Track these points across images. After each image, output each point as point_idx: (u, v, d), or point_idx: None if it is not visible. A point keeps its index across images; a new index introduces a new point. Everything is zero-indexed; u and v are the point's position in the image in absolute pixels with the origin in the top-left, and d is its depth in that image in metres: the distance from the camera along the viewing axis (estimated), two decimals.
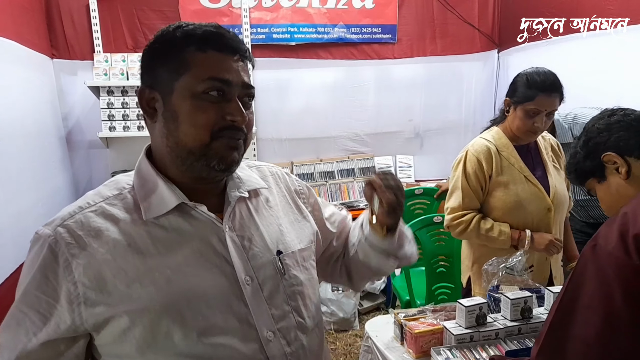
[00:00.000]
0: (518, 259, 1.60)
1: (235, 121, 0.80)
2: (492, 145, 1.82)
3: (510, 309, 1.40)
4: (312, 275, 0.97)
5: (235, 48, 0.83)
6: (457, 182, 1.85)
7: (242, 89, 0.83)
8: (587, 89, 2.57)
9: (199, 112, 0.79)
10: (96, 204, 0.82)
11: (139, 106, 0.85)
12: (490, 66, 4.08)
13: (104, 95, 3.05)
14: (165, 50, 0.82)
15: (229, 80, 0.81)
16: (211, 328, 0.79)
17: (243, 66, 0.84)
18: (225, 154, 0.81)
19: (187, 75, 0.79)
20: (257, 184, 0.95)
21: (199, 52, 0.80)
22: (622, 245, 0.83)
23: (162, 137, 0.83)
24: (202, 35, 0.81)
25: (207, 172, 0.82)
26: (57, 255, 0.76)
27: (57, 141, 3.02)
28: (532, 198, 1.79)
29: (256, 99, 3.52)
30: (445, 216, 1.91)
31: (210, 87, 0.79)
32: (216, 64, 0.80)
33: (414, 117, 4.03)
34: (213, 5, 3.43)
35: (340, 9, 3.67)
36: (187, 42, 0.80)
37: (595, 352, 0.84)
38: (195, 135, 0.79)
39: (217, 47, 0.81)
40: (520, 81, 1.77)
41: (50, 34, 3.09)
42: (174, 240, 0.81)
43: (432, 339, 1.37)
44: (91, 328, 0.77)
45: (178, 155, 0.82)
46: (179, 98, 0.80)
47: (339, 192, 3.72)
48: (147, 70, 0.84)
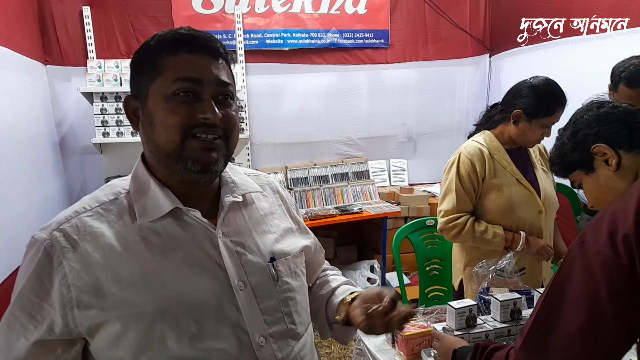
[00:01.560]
0: (508, 261, 1.62)
1: (207, 118, 0.79)
2: (485, 148, 1.84)
3: (500, 311, 1.42)
4: (303, 282, 0.98)
5: (208, 47, 0.82)
6: (450, 184, 1.86)
7: (216, 87, 0.82)
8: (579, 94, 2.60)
9: (169, 113, 0.79)
10: (92, 208, 0.83)
11: (126, 117, 0.87)
12: (482, 70, 4.12)
13: (97, 101, 3.06)
14: (142, 59, 0.83)
15: (199, 78, 0.80)
16: (204, 333, 0.80)
17: (218, 64, 0.83)
18: (200, 154, 0.80)
19: (159, 79, 0.80)
20: (252, 187, 0.96)
21: (170, 56, 0.80)
22: (610, 244, 0.83)
23: (145, 143, 0.84)
24: (173, 38, 0.81)
25: (187, 174, 0.82)
26: (52, 259, 0.77)
27: (50, 147, 3.02)
28: (524, 200, 1.81)
29: (250, 104, 3.57)
30: (439, 219, 1.90)
31: (179, 87, 0.79)
32: (186, 65, 0.80)
33: (407, 121, 4.06)
34: (206, 11, 3.45)
35: (333, 15, 3.70)
36: (160, 48, 0.81)
37: (578, 348, 0.85)
38: (167, 137, 0.79)
39: (189, 49, 0.81)
40: (533, 94, 1.73)
41: (44, 40, 3.10)
42: (167, 245, 0.82)
43: (422, 341, 1.38)
44: (85, 332, 0.77)
45: (160, 159, 0.83)
46: (153, 102, 0.80)
47: (333, 196, 3.74)
48: (131, 82, 0.86)
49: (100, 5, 3.20)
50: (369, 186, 3.83)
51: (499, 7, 3.95)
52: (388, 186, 4.01)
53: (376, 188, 3.84)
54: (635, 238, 0.82)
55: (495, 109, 1.90)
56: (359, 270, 3.54)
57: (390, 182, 4.06)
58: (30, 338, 0.77)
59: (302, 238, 1.02)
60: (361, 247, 3.95)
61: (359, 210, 3.41)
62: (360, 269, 3.55)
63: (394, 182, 4.07)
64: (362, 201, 3.74)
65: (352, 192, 3.78)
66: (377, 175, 4.02)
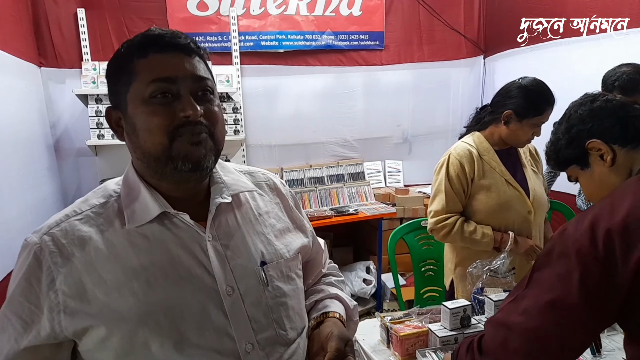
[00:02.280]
0: (502, 261, 1.63)
1: (188, 116, 0.78)
2: (474, 149, 1.85)
3: (494, 311, 1.43)
4: (297, 286, 0.95)
5: (178, 45, 0.81)
6: (440, 185, 1.88)
7: (193, 83, 0.80)
8: (571, 96, 2.62)
9: (150, 117, 0.78)
10: (83, 212, 0.83)
11: (110, 128, 0.87)
12: (476, 72, 4.15)
13: (92, 103, 3.06)
14: (115, 67, 0.83)
15: (173, 77, 0.79)
16: (189, 338, 0.79)
17: (192, 60, 0.81)
18: (189, 151, 0.79)
19: (134, 84, 0.79)
20: (244, 187, 0.93)
21: (141, 59, 0.79)
22: (590, 234, 0.84)
23: (131, 151, 0.84)
24: (141, 41, 0.80)
25: (179, 175, 0.81)
26: (41, 263, 0.77)
27: (45, 149, 3.01)
28: (514, 201, 1.82)
29: (245, 106, 3.57)
30: (429, 219, 1.93)
31: (155, 89, 0.78)
32: (158, 65, 0.79)
33: (402, 122, 4.08)
34: (201, 13, 3.45)
35: (327, 17, 3.71)
36: (130, 53, 0.80)
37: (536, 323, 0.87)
38: (153, 140, 0.78)
39: (158, 49, 0.79)
40: (523, 94, 1.76)
41: (38, 42, 3.09)
42: (155, 249, 0.81)
43: (417, 341, 1.39)
44: (71, 335, 0.78)
45: (148, 165, 0.82)
46: (133, 108, 0.80)
47: (328, 198, 3.74)
48: (109, 93, 0.85)
49: (95, 7, 3.20)
50: (365, 187, 3.84)
51: (493, 8, 3.98)
52: (383, 187, 4.02)
53: (371, 189, 3.85)
54: (619, 235, 0.82)
55: (485, 111, 1.92)
56: (355, 271, 3.55)
57: (386, 183, 4.08)
58: (20, 341, 0.77)
59: (299, 237, 1.00)
60: (357, 248, 3.96)
61: (354, 212, 3.42)
62: (356, 270, 3.56)
63: (389, 183, 4.08)
64: (358, 202, 3.75)
65: (347, 194, 3.79)
66: (373, 177, 4.03)
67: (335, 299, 1.04)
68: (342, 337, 0.88)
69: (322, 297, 1.04)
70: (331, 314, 0.97)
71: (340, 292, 1.07)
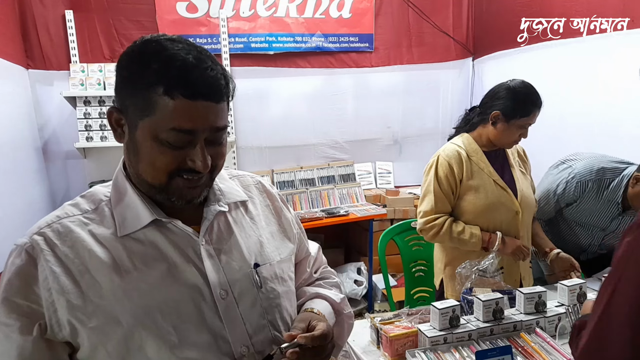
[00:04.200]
0: (490, 261, 1.65)
1: (195, 167, 0.78)
2: (463, 151, 1.88)
3: (483, 311, 1.44)
4: (290, 287, 0.96)
5: (211, 93, 0.75)
6: (429, 186, 1.90)
7: (210, 134, 0.78)
8: (555, 97, 2.66)
9: (158, 155, 0.76)
10: (74, 215, 0.82)
11: (109, 124, 0.83)
12: (465, 74, 4.18)
13: (80, 106, 3.03)
14: (135, 82, 0.76)
15: (194, 130, 0.76)
16: (184, 342, 0.79)
17: (217, 108, 0.77)
18: (185, 192, 0.81)
19: (151, 118, 0.75)
20: (238, 196, 0.94)
21: (166, 97, 0.73)
22: None
23: (127, 159, 0.84)
24: (176, 76, 0.73)
25: (170, 204, 0.83)
26: (35, 261, 0.76)
27: (33, 152, 2.98)
28: (501, 201, 1.84)
29: (235, 108, 3.57)
30: (418, 220, 1.95)
31: (172, 137, 0.75)
32: (182, 114, 0.74)
33: (392, 124, 4.10)
34: (191, 15, 3.44)
35: (317, 19, 3.72)
36: (157, 80, 0.73)
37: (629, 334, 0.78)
38: (153, 175, 0.79)
39: (188, 94, 0.73)
40: (511, 96, 1.78)
41: (25, 44, 3.06)
42: (149, 254, 0.81)
43: (407, 341, 1.39)
44: (68, 335, 0.77)
45: (142, 182, 0.83)
46: (141, 136, 0.77)
47: (319, 199, 3.75)
48: (117, 92, 0.80)
49: (83, 9, 3.17)
50: (355, 189, 3.85)
51: (481, 11, 4.01)
52: (374, 189, 4.04)
53: (362, 191, 3.86)
54: None
55: (474, 112, 1.95)
56: (346, 272, 3.56)
57: (376, 185, 4.09)
58: (20, 340, 0.76)
59: (288, 242, 1.01)
60: (348, 249, 3.96)
61: (345, 213, 3.43)
62: (347, 272, 3.56)
63: (379, 184, 4.10)
64: (349, 204, 3.76)
65: (338, 195, 3.80)
66: (363, 178, 4.04)
67: (316, 298, 1.04)
68: (329, 326, 0.90)
69: (302, 301, 1.04)
70: (309, 309, 0.97)
71: (322, 290, 1.07)
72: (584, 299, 1.56)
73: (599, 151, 2.11)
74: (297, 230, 1.07)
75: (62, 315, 0.76)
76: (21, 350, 0.76)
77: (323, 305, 1.01)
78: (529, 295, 1.50)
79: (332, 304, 1.04)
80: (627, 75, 2.54)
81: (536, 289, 1.53)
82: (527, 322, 1.46)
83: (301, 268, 1.10)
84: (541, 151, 2.46)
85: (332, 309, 1.03)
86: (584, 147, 2.35)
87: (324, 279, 1.14)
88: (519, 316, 1.48)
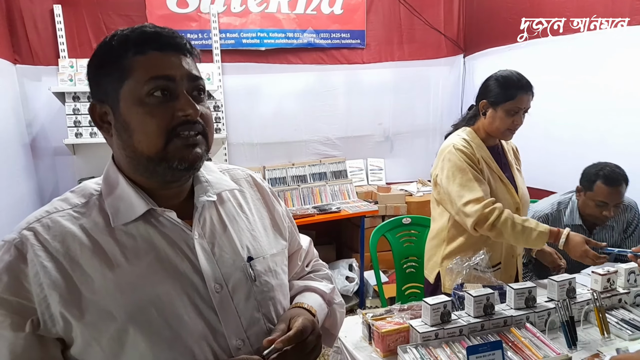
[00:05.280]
0: (481, 257, 1.65)
1: (188, 115, 0.78)
2: (472, 144, 1.86)
3: (474, 306, 1.45)
4: (283, 281, 0.96)
5: (175, 44, 0.80)
6: (463, 174, 1.76)
7: (188, 82, 0.80)
8: (548, 92, 2.68)
9: (148, 117, 0.77)
10: (64, 210, 0.81)
11: (93, 123, 0.83)
12: (456, 70, 4.20)
13: (69, 101, 3.00)
14: (106, 60, 0.79)
15: (172, 75, 0.78)
16: (179, 336, 0.79)
17: (187, 60, 0.81)
18: (185, 153, 0.79)
19: (129, 81, 0.77)
20: (227, 185, 0.94)
21: (138, 55, 0.77)
22: None
23: (120, 148, 0.82)
24: (139, 37, 0.78)
25: (172, 173, 0.81)
26: (25, 256, 0.75)
27: (21, 148, 2.95)
28: (505, 196, 1.84)
29: (227, 104, 3.55)
30: (469, 210, 1.72)
31: (153, 87, 0.77)
32: (156, 63, 0.78)
33: (384, 120, 4.11)
34: (181, 10, 3.42)
35: (309, 15, 3.71)
36: (125, 48, 0.78)
37: None
38: (149, 142, 0.77)
39: (156, 47, 0.78)
40: (496, 83, 1.81)
41: (13, 39, 3.02)
42: (142, 248, 0.80)
43: (398, 337, 1.40)
44: (62, 330, 0.76)
45: (139, 163, 0.81)
46: (126, 106, 0.78)
47: (311, 196, 3.75)
48: (93, 85, 0.82)
49: (72, 3, 3.14)
50: (347, 185, 3.85)
51: (472, 8, 4.03)
52: (365, 185, 4.04)
53: (354, 187, 3.86)
54: None
55: (472, 109, 1.95)
56: (338, 269, 3.56)
57: (368, 181, 4.10)
58: (20, 334, 0.74)
59: (281, 235, 1.01)
60: (339, 246, 3.97)
61: (337, 210, 3.43)
62: (339, 268, 3.57)
63: (371, 181, 4.10)
64: (340, 200, 3.77)
65: (330, 192, 3.80)
66: (355, 175, 4.05)
67: (305, 291, 1.04)
68: (309, 320, 0.89)
69: (292, 295, 1.03)
70: (299, 304, 0.97)
71: (311, 282, 1.07)
72: (573, 294, 1.58)
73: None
74: (289, 223, 1.07)
75: (55, 309, 0.75)
76: (13, 347, 0.75)
77: (313, 298, 1.02)
78: (519, 290, 1.51)
79: (323, 296, 1.04)
80: (627, 75, 2.57)
81: (526, 284, 1.54)
82: (518, 317, 1.47)
83: (293, 261, 1.09)
84: (532, 148, 2.48)
85: (322, 300, 1.03)
86: (578, 145, 2.37)
87: (315, 272, 1.14)
88: (510, 311, 1.49)
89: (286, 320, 0.89)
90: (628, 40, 2.59)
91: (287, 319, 0.89)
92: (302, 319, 0.87)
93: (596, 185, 2.05)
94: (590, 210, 2.10)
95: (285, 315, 0.92)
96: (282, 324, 0.88)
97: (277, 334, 0.85)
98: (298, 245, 1.11)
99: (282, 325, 0.87)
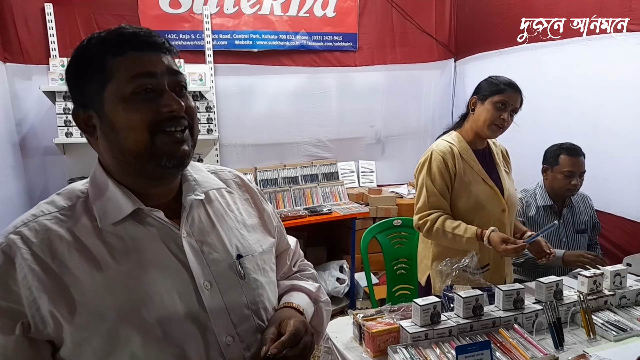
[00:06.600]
0: (470, 259, 1.67)
1: (172, 110, 0.79)
2: (455, 147, 1.90)
3: (463, 307, 1.47)
4: (271, 278, 0.98)
5: (153, 43, 0.80)
6: (422, 182, 1.91)
7: (169, 77, 0.81)
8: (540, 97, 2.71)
9: (132, 114, 0.77)
10: (50, 213, 0.81)
11: (78, 128, 0.83)
12: (447, 74, 4.23)
13: (60, 101, 2.98)
14: (85, 65, 0.80)
15: (153, 72, 0.79)
16: (170, 335, 0.79)
17: (167, 57, 0.82)
18: (172, 148, 0.80)
19: (112, 83, 0.78)
20: (215, 184, 0.95)
21: (117, 57, 0.78)
22: None
23: (107, 150, 0.82)
24: (117, 39, 0.79)
25: (160, 171, 0.81)
26: (13, 261, 0.75)
27: (10, 148, 2.92)
28: (490, 199, 1.87)
29: (219, 105, 3.55)
30: (414, 217, 1.94)
31: (137, 85, 0.78)
32: (136, 61, 0.78)
33: (376, 123, 4.13)
34: (174, 10, 3.41)
35: (302, 17, 3.72)
36: (104, 50, 0.78)
37: None
38: (135, 137, 0.78)
39: (135, 47, 0.79)
40: (487, 81, 1.90)
41: (3, 37, 2.99)
42: (131, 248, 0.81)
43: (389, 337, 1.41)
44: (52, 331, 0.76)
45: (127, 162, 0.81)
46: (111, 107, 0.78)
47: (302, 197, 3.75)
48: (74, 91, 0.82)
49: (64, 2, 3.12)
50: (338, 187, 3.87)
51: (463, 13, 4.07)
52: (357, 187, 4.06)
53: (345, 189, 3.88)
54: None
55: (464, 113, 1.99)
56: (329, 270, 3.57)
57: (359, 183, 4.12)
58: (1, 338, 0.74)
59: (269, 234, 1.02)
60: (330, 247, 3.98)
61: (328, 211, 3.44)
62: (330, 270, 3.58)
63: (362, 183, 4.12)
64: (332, 202, 3.78)
65: (321, 193, 3.81)
66: (346, 177, 4.06)
67: (292, 291, 1.05)
68: (300, 321, 0.89)
69: (279, 294, 1.04)
70: (287, 304, 0.99)
71: (297, 282, 1.08)
72: (560, 295, 1.60)
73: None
74: (277, 223, 1.08)
75: (45, 311, 0.75)
76: (3, 349, 0.75)
77: (300, 297, 1.03)
78: (508, 292, 1.53)
79: (309, 294, 1.06)
80: (627, 74, 2.59)
81: (514, 286, 1.56)
82: (506, 318, 1.49)
83: (282, 261, 1.10)
84: (524, 152, 2.51)
85: (309, 299, 1.05)
86: None
87: (301, 271, 1.16)
88: (498, 313, 1.51)
89: (276, 323, 0.90)
90: (622, 49, 2.61)
91: (277, 321, 0.90)
92: (294, 321, 0.88)
93: (560, 158, 2.26)
94: (559, 184, 2.27)
95: (274, 317, 0.93)
96: (272, 327, 0.88)
97: (270, 336, 0.85)
98: (287, 244, 1.12)
99: (272, 329, 0.87)
